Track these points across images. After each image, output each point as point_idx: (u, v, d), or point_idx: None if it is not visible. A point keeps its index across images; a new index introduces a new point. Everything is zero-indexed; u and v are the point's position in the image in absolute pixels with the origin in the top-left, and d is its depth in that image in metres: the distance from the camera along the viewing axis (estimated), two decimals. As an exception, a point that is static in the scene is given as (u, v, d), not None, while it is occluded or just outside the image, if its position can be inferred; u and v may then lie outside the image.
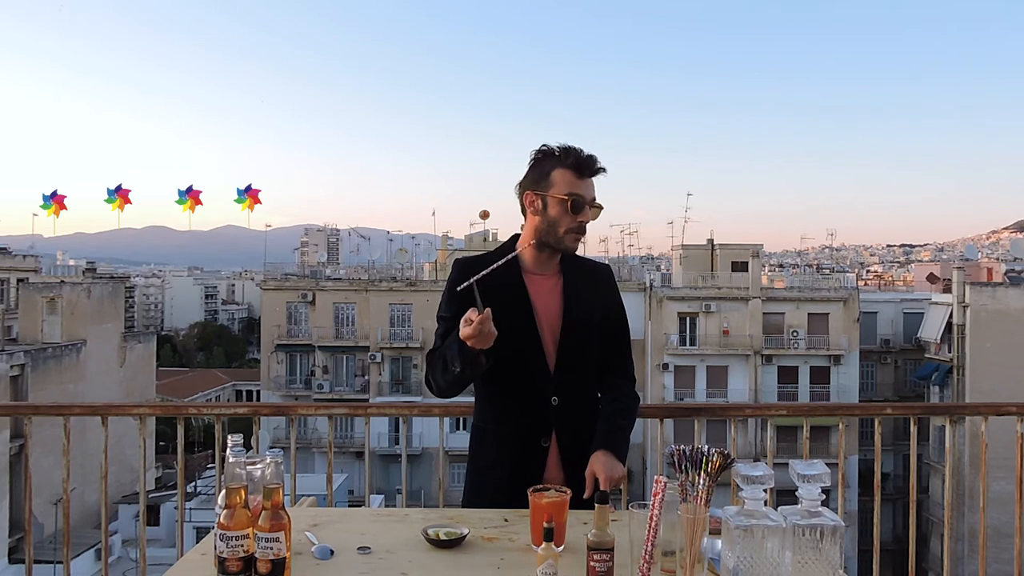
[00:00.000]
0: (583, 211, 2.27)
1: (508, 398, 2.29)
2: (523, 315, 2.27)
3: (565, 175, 2.26)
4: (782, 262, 68.95)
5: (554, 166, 2.28)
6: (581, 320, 2.31)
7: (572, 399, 2.30)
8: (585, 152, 2.28)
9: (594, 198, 2.29)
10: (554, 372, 2.28)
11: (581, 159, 2.27)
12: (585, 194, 2.27)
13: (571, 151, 2.28)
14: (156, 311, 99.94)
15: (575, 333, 2.30)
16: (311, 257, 51.28)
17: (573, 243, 2.30)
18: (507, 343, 2.18)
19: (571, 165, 2.27)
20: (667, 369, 32.19)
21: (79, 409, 3.19)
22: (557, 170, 2.28)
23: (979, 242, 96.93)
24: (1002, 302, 29.14)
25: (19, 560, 20.34)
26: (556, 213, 2.27)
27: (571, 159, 2.27)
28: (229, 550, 1.56)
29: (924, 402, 27.60)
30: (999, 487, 6.14)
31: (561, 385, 2.28)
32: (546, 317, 2.29)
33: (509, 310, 2.22)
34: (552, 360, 2.28)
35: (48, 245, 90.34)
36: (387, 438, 31.14)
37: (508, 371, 2.26)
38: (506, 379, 2.27)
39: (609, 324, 2.39)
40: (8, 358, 22.55)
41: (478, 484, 2.34)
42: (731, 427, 3.27)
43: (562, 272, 2.35)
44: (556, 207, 2.26)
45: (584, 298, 2.33)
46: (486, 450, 2.33)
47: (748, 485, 1.53)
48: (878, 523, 3.33)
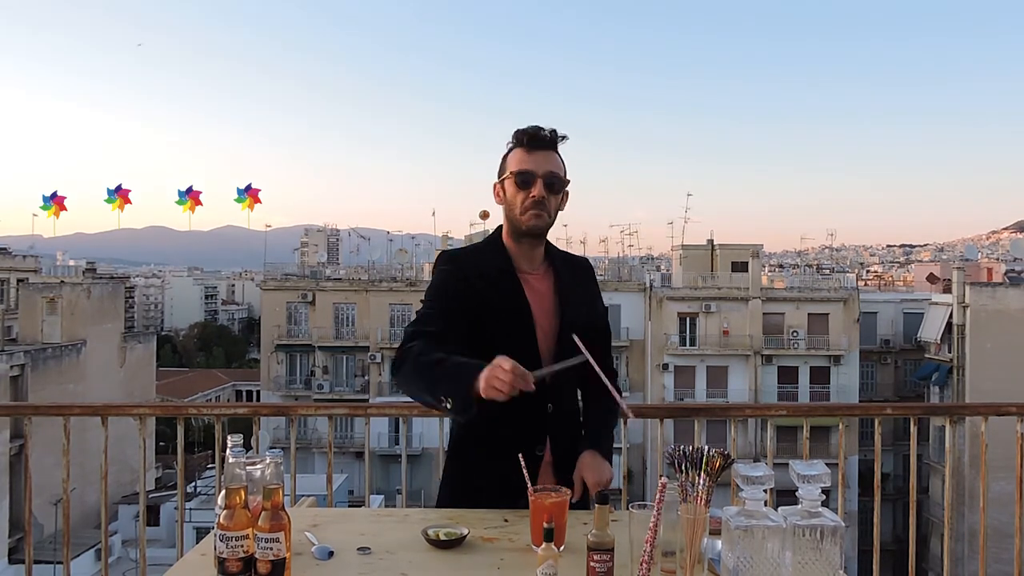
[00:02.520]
0: (532, 184, 2.18)
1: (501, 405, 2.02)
2: (521, 320, 2.20)
3: (515, 154, 2.23)
4: (782, 262, 68.88)
5: (508, 151, 2.26)
6: (575, 324, 2.23)
7: (566, 405, 2.27)
8: (536, 130, 2.21)
9: (550, 171, 2.20)
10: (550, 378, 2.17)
11: (525, 133, 2.21)
12: (535, 168, 2.19)
13: (524, 131, 2.22)
14: (156, 311, 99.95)
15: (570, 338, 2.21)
16: (311, 257, 51.24)
17: (531, 220, 2.19)
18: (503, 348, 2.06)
19: (518, 142, 2.23)
20: (667, 369, 32.19)
21: (79, 409, 3.19)
22: (510, 153, 2.25)
23: (979, 242, 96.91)
24: (1002, 302, 29.15)
25: (19, 560, 20.34)
26: (511, 194, 2.23)
27: (517, 136, 2.23)
28: (229, 550, 1.56)
29: (924, 402, 27.62)
30: (999, 487, 6.13)
31: (556, 391, 2.20)
32: (542, 322, 2.22)
33: (507, 313, 2.19)
34: (549, 361, 2.19)
35: (48, 245, 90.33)
36: (387, 438, 31.13)
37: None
38: None
39: (595, 322, 2.34)
40: (8, 358, 22.55)
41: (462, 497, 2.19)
42: (731, 427, 3.27)
43: (552, 269, 2.30)
44: (511, 188, 2.22)
45: (576, 299, 2.29)
46: (473, 460, 2.22)
47: (748, 485, 1.53)
48: (878, 523, 3.33)
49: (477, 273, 2.23)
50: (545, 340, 2.22)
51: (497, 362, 1.84)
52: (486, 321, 2.18)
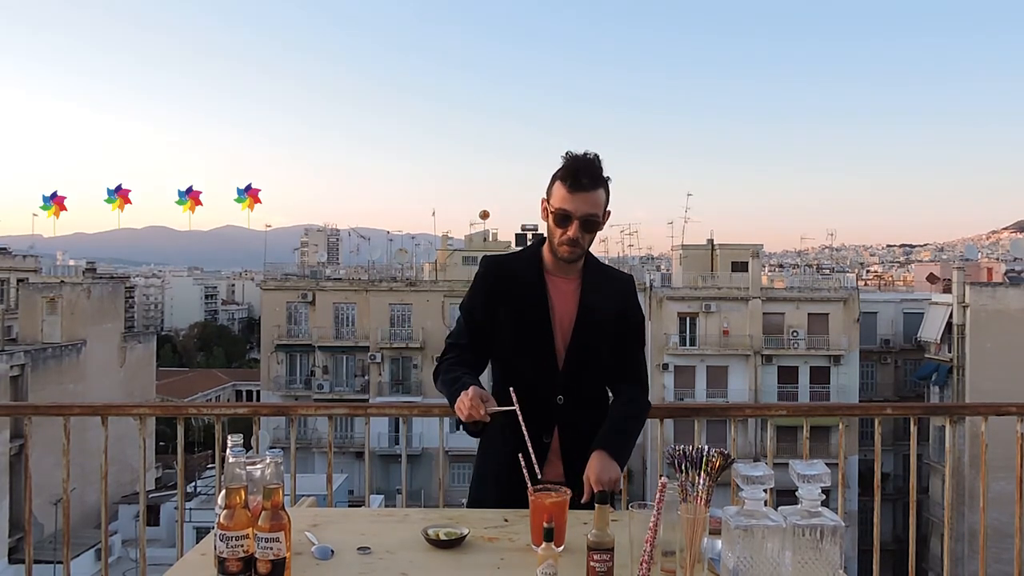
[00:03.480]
0: (569, 225, 2.26)
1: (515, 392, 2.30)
2: (539, 314, 2.33)
3: (559, 188, 2.27)
4: (782, 262, 68.91)
5: (555, 177, 2.31)
6: (594, 323, 2.35)
7: (578, 399, 2.35)
8: (581, 164, 2.25)
9: (587, 213, 2.25)
10: (562, 371, 2.33)
11: (569, 173, 2.25)
12: (573, 209, 2.24)
13: (567, 163, 2.27)
14: (156, 311, 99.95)
15: (586, 335, 2.34)
16: (311, 257, 51.33)
17: (565, 254, 2.31)
18: (521, 339, 2.32)
19: (562, 178, 2.27)
20: (667, 369, 32.18)
21: (79, 409, 3.19)
22: (556, 182, 2.30)
23: (979, 242, 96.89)
24: (1002, 302, 29.13)
25: (19, 560, 20.34)
26: (550, 225, 2.32)
27: (564, 172, 2.27)
28: (229, 550, 1.56)
29: (924, 402, 27.60)
30: (999, 487, 6.13)
31: (568, 385, 2.33)
32: (560, 318, 2.34)
33: (527, 307, 2.33)
34: (561, 359, 2.33)
35: (48, 245, 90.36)
36: (387, 438, 31.15)
37: (518, 366, 2.32)
38: (515, 373, 2.30)
39: (624, 330, 2.41)
40: (8, 358, 22.55)
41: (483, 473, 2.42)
42: (731, 427, 3.27)
43: (582, 277, 2.39)
44: (549, 218, 2.31)
45: (600, 303, 2.37)
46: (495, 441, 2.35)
47: (748, 485, 1.53)
48: (878, 523, 3.33)
49: (511, 276, 2.38)
50: (562, 337, 2.34)
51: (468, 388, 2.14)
52: (510, 316, 2.34)
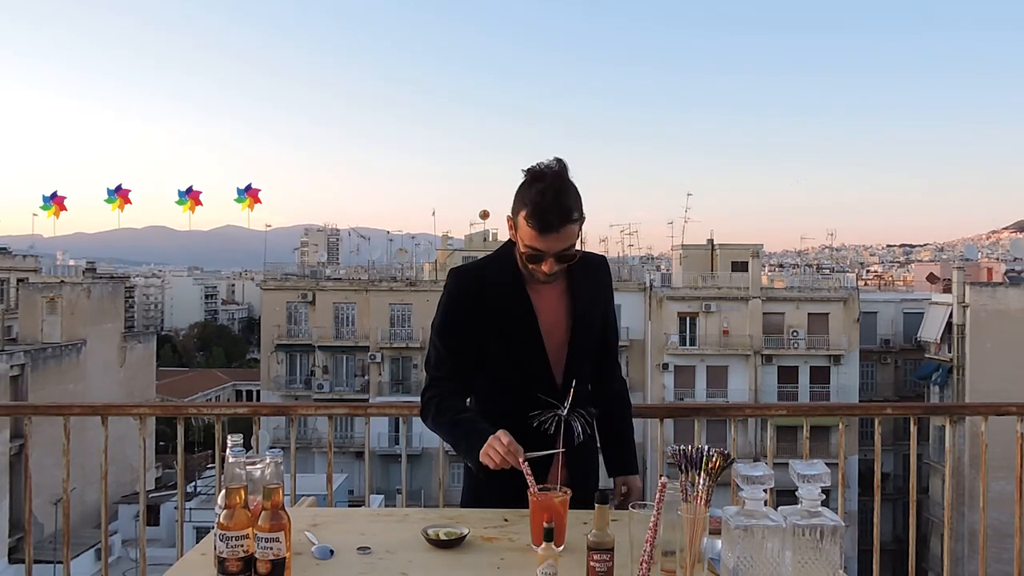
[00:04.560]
0: (543, 262, 2.14)
1: (513, 411, 2.19)
2: (527, 326, 2.21)
3: (527, 228, 2.12)
4: (782, 262, 68.93)
5: (520, 209, 2.14)
6: (587, 330, 2.28)
7: (576, 405, 2.27)
8: (549, 204, 2.07)
9: (561, 250, 2.12)
10: (561, 385, 2.21)
11: (540, 220, 2.08)
12: (545, 248, 2.11)
13: (534, 204, 2.08)
14: (156, 311, 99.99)
15: (581, 344, 2.27)
16: (311, 257, 51.30)
17: (541, 278, 2.18)
18: (512, 355, 2.21)
19: (528, 218, 2.10)
20: (667, 369, 32.19)
21: (79, 409, 3.19)
22: (521, 216, 2.13)
23: (979, 242, 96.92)
24: (1002, 302, 29.15)
25: (19, 560, 20.35)
26: (520, 254, 2.19)
27: (530, 212, 2.09)
28: (229, 550, 1.56)
29: (924, 402, 27.60)
30: (999, 487, 6.13)
31: (566, 394, 2.21)
32: (551, 331, 2.23)
33: (513, 321, 2.21)
34: (560, 372, 2.23)
35: (48, 245, 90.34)
36: (387, 438, 31.14)
37: (514, 387, 2.22)
38: (511, 392, 2.22)
39: (605, 321, 2.40)
40: (8, 358, 22.56)
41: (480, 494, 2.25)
42: (731, 427, 3.27)
43: (566, 277, 2.27)
44: (520, 250, 2.18)
45: (588, 303, 2.30)
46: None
47: (748, 485, 1.53)
48: (878, 523, 3.33)
49: (485, 290, 2.23)
50: (557, 349, 2.24)
51: (498, 434, 2.01)
52: (496, 336, 2.21)
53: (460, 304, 2.23)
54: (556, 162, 2.14)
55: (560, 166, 2.13)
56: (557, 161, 2.14)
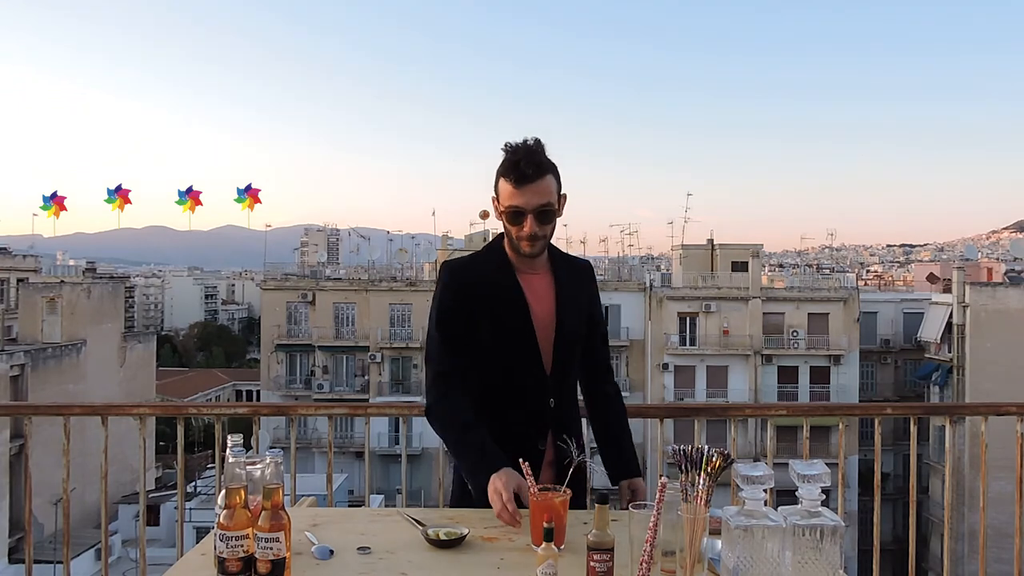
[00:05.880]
0: (523, 221, 2.16)
1: (504, 402, 2.26)
2: (520, 316, 2.25)
3: (505, 184, 2.17)
4: (782, 262, 68.91)
5: (499, 174, 2.20)
6: (573, 322, 2.31)
7: (565, 400, 2.33)
8: (522, 154, 2.14)
9: (539, 205, 2.15)
10: (551, 375, 2.27)
11: (511, 167, 2.14)
12: (524, 203, 2.14)
13: (506, 158, 2.16)
14: (156, 311, 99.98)
15: (568, 335, 2.30)
16: (311, 257, 51.25)
17: (527, 249, 2.21)
18: (504, 346, 2.23)
19: (504, 173, 2.16)
20: (667, 369, 32.18)
21: (79, 409, 3.19)
22: (500, 179, 2.19)
23: (979, 242, 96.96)
24: (1002, 302, 29.15)
25: (19, 560, 20.36)
26: (504, 222, 2.22)
27: (505, 166, 2.16)
28: (229, 550, 1.56)
29: (924, 402, 27.59)
30: (999, 487, 6.12)
31: (557, 387, 2.29)
32: (541, 320, 2.27)
33: (506, 312, 2.24)
34: (548, 362, 2.27)
35: (48, 245, 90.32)
36: (387, 438, 31.14)
37: (505, 375, 2.26)
38: (503, 383, 2.26)
39: (593, 321, 2.41)
40: (8, 358, 22.56)
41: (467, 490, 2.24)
42: (731, 427, 3.27)
43: (552, 271, 2.33)
44: (503, 217, 2.21)
45: (574, 299, 2.34)
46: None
47: (748, 485, 1.53)
48: (878, 523, 3.33)
49: (479, 280, 2.27)
50: (546, 339, 2.28)
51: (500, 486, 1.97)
52: (489, 325, 2.24)
53: (455, 294, 2.26)
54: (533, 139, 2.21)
55: (535, 141, 2.19)
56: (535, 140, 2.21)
